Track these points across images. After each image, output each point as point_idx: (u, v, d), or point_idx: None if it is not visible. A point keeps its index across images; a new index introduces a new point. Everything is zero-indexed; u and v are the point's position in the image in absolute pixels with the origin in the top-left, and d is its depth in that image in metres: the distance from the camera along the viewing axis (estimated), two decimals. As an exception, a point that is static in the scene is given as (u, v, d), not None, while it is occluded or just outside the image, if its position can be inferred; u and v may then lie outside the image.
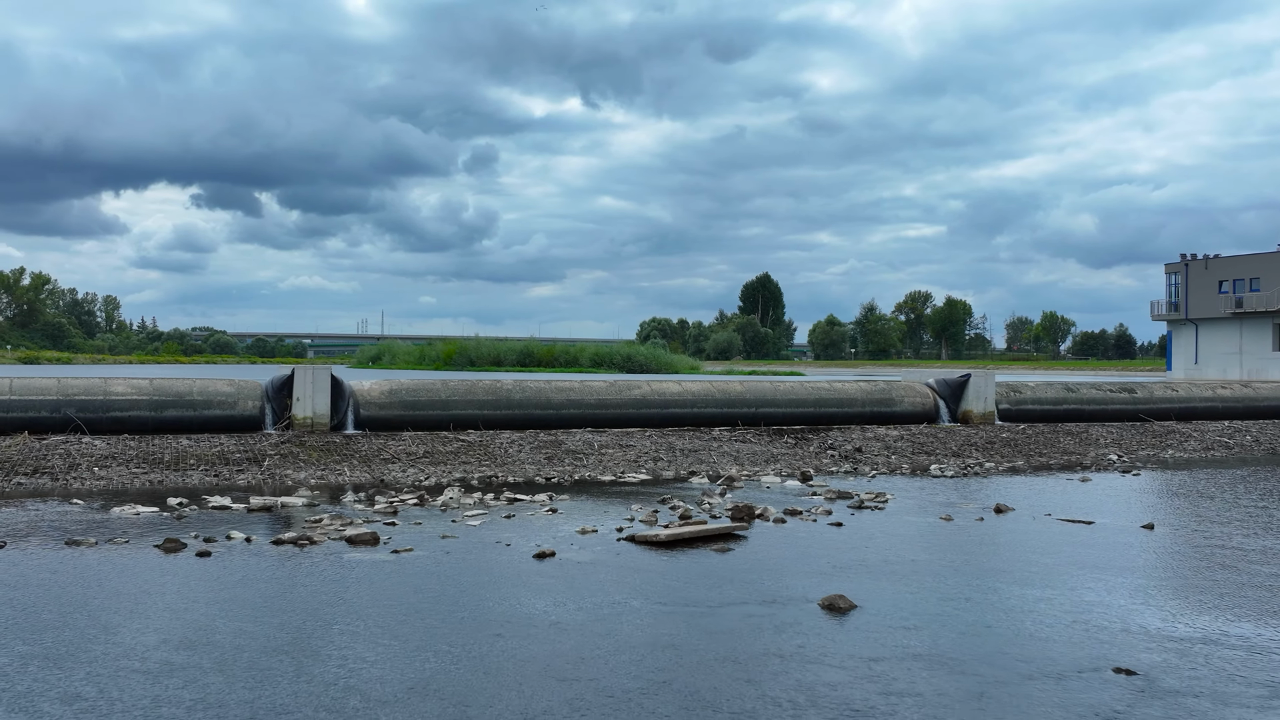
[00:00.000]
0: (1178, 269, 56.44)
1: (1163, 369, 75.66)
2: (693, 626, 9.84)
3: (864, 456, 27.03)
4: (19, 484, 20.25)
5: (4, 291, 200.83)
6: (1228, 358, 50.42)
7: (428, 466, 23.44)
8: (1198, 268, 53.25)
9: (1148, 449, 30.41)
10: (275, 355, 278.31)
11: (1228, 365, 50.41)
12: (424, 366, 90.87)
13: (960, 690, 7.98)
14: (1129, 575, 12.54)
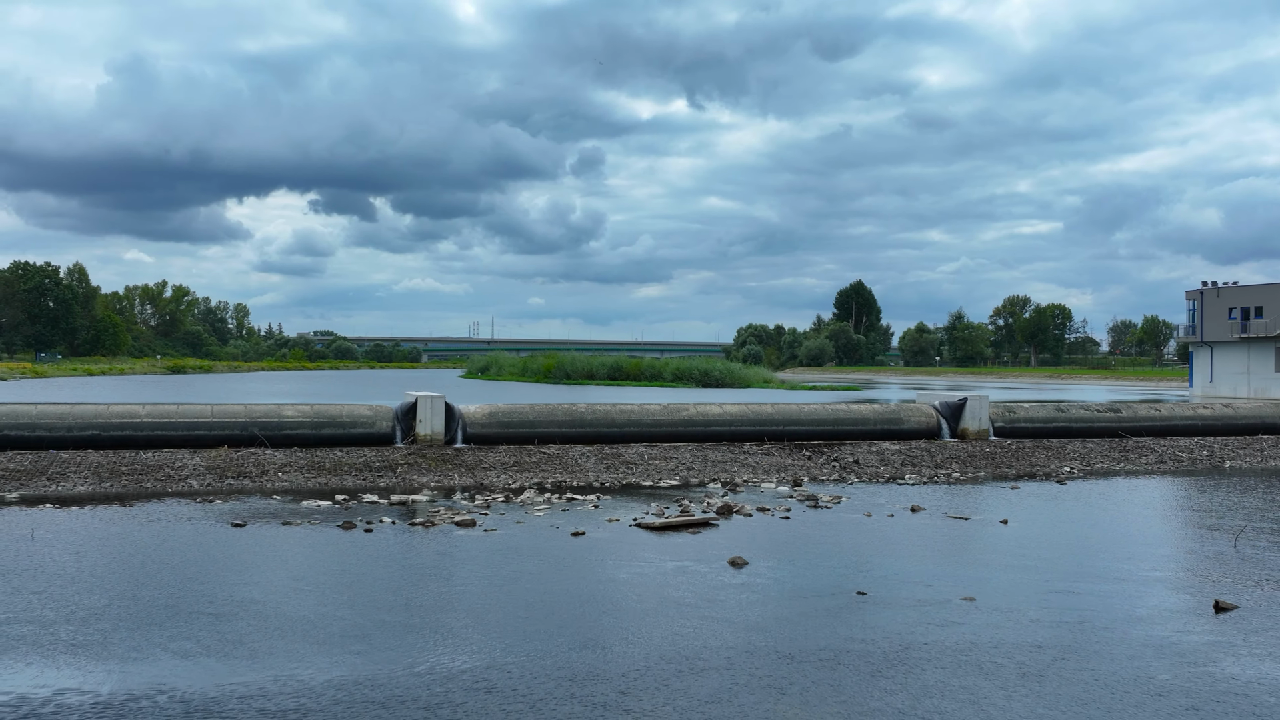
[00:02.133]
0: (1195, 296, 61.63)
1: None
2: (644, 573, 17.41)
3: (859, 467, 34.08)
4: (229, 484, 28.87)
5: (149, 303, 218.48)
6: (1237, 377, 55.18)
7: (515, 473, 31.41)
8: (1211, 295, 58.31)
9: (1108, 462, 36.67)
10: (392, 360, 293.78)
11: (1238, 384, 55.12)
12: (525, 378, 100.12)
13: (777, 595, 15.40)
14: (929, 550, 19.64)
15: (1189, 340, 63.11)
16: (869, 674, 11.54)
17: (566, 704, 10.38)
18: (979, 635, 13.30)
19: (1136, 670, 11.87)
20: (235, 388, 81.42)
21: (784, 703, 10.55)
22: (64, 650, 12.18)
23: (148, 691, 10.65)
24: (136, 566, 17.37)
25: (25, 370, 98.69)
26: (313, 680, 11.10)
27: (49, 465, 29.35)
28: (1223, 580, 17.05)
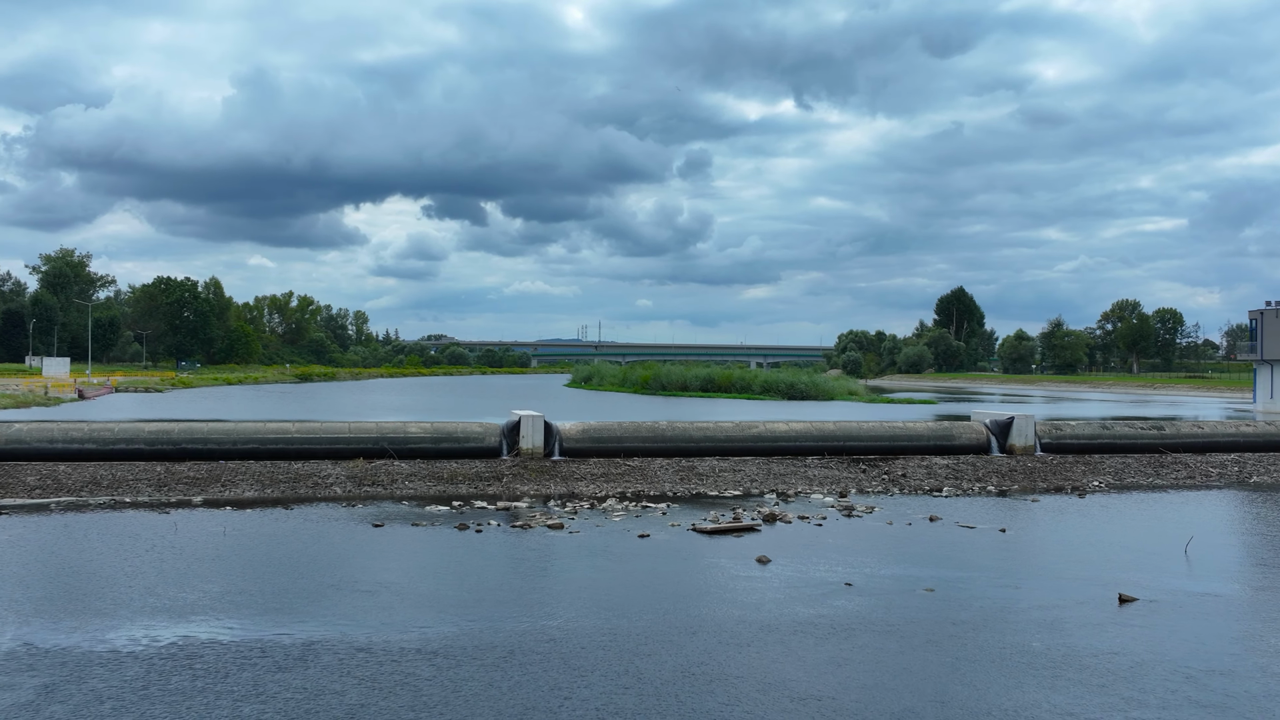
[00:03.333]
0: (1257, 315, 63.51)
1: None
2: (686, 567, 22.49)
3: (905, 480, 38.48)
4: (366, 491, 34.90)
5: (277, 312, 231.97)
6: None
7: (602, 483, 36.75)
8: (1270, 315, 60.30)
9: (1139, 478, 40.22)
10: (502, 365, 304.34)
11: None
12: (625, 389, 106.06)
13: (790, 581, 20.32)
14: (918, 552, 24.20)
15: (1251, 358, 65.01)
16: (818, 638, 16.42)
17: (595, 652, 15.55)
18: (919, 615, 18.03)
19: (1019, 640, 16.48)
20: (361, 400, 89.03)
21: (749, 654, 15.54)
22: (265, 613, 17.89)
23: (328, 639, 16.20)
24: (305, 556, 23.25)
25: (175, 381, 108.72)
26: (432, 633, 16.52)
27: (221, 474, 35.89)
28: (1143, 579, 21.29)
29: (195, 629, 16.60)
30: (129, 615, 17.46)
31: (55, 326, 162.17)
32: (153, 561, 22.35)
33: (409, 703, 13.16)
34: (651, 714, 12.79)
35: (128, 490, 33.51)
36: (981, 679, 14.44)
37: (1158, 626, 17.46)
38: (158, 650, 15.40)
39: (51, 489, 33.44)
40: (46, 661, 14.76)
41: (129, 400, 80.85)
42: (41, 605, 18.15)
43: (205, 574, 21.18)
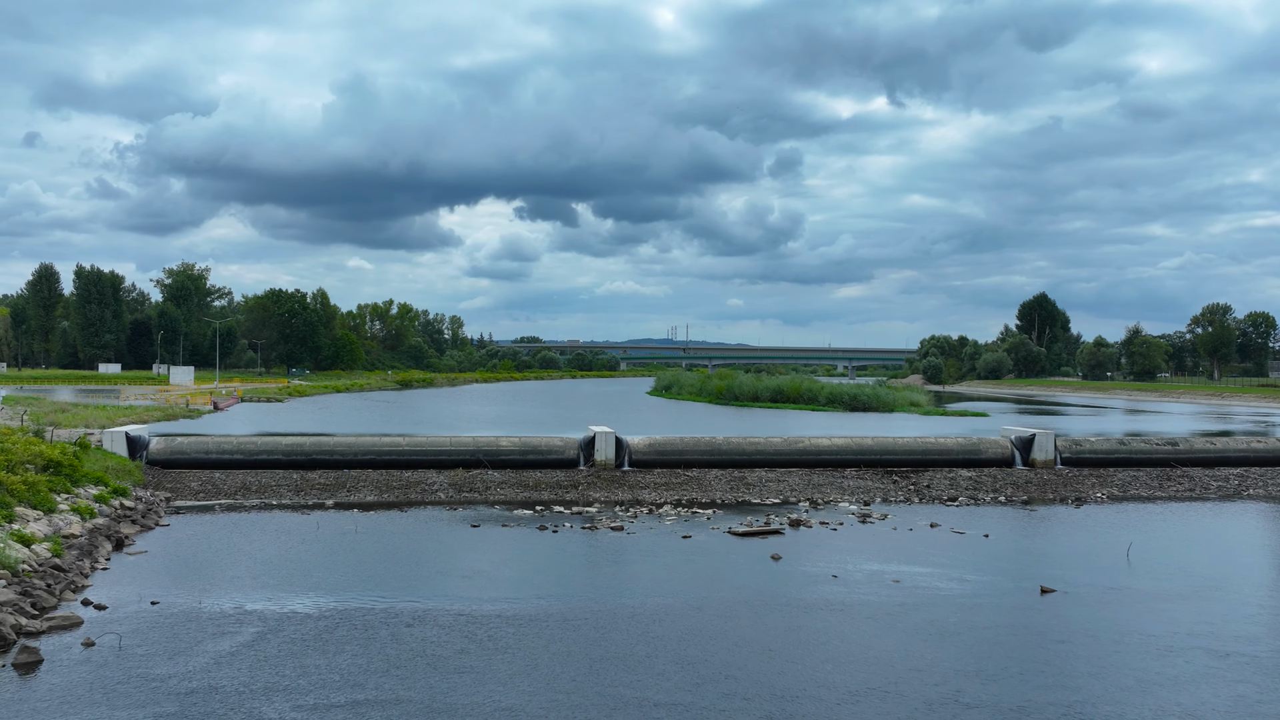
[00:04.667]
0: None
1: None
2: (712, 562, 28.71)
3: (929, 490, 43.95)
4: (465, 496, 41.83)
5: (378, 319, 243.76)
6: None
7: (663, 491, 43.10)
8: None
9: (1144, 489, 45.00)
10: (592, 369, 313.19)
11: None
12: (700, 398, 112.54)
13: (804, 578, 26.44)
14: (903, 553, 29.97)
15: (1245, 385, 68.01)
16: (788, 614, 22.50)
17: (624, 620, 21.88)
18: (873, 599, 23.99)
19: (940, 618, 22.35)
20: (458, 410, 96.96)
21: (732, 624, 21.71)
22: (392, 590, 24.63)
23: (437, 609, 22.84)
24: (417, 549, 30.14)
25: (291, 390, 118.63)
26: (514, 606, 23.05)
27: (346, 481, 43.24)
28: (1074, 575, 26.79)
29: (346, 600, 23.45)
30: (299, 590, 24.44)
31: (179, 336, 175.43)
32: (306, 552, 29.48)
33: (496, 649, 19.72)
34: (658, 658, 19.10)
35: (272, 494, 41.03)
36: (895, 642, 20.41)
37: (1051, 610, 23.14)
38: (323, 613, 22.26)
39: (211, 493, 41.14)
40: (253, 619, 21.72)
41: (255, 410, 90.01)
42: (237, 582, 25.26)
43: (346, 562, 28.17)
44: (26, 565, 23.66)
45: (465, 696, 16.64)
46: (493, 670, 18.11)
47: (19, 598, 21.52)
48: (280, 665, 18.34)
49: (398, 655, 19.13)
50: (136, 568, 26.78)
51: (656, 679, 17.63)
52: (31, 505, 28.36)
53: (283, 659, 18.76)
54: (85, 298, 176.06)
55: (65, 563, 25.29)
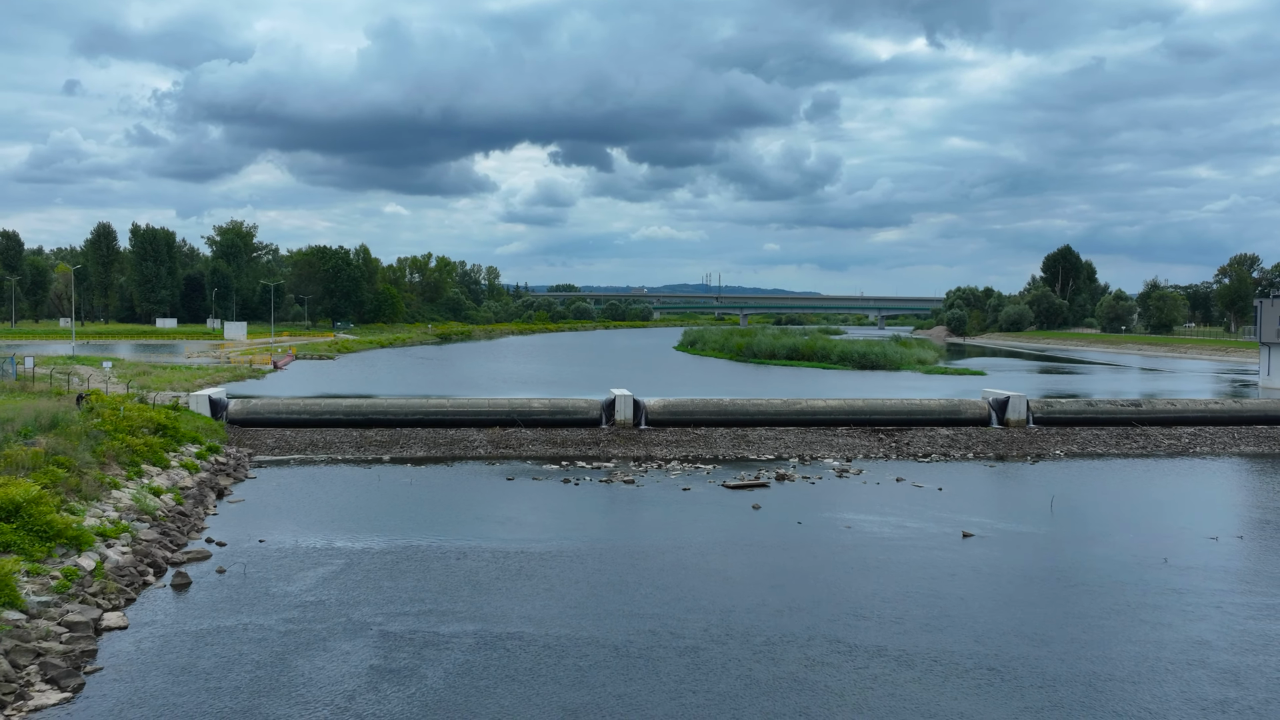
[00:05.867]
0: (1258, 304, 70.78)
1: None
2: (703, 510, 34.98)
3: (908, 448, 49.87)
4: (501, 452, 48.37)
5: (417, 271, 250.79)
6: None
7: (673, 448, 49.37)
8: (1268, 304, 67.60)
9: (1101, 446, 50.66)
10: (625, 319, 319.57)
11: None
12: (722, 354, 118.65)
13: (776, 523, 32.71)
14: (863, 503, 36.08)
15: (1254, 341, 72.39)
16: (749, 552, 28.71)
17: (621, 556, 28.23)
18: (820, 540, 30.15)
19: (869, 556, 28.48)
20: (494, 369, 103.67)
21: (704, 558, 27.98)
22: (442, 532, 31.12)
23: (479, 547, 29.27)
24: (461, 498, 36.68)
25: (339, 346, 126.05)
26: (542, 546, 29.45)
27: (399, 439, 49.91)
28: (995, 522, 32.77)
29: (406, 539, 29.98)
30: (369, 531, 31.01)
31: (231, 292, 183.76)
32: (371, 500, 36.13)
33: (521, 576, 26.14)
34: (641, 585, 25.41)
35: (337, 450, 47.78)
36: (827, 574, 26.57)
37: (960, 550, 29.22)
38: (389, 549, 28.79)
39: (285, 449, 47.96)
40: (337, 553, 28.29)
41: (309, 368, 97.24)
42: (320, 525, 31.88)
43: (404, 509, 34.78)
44: (160, 512, 30.44)
45: (498, 609, 23.06)
46: (518, 591, 24.54)
47: (161, 537, 28.29)
48: (361, 587, 24.87)
49: (448, 580, 25.58)
50: (239, 513, 33.53)
51: (638, 599, 23.97)
52: (152, 463, 35.16)
53: (363, 582, 25.29)
54: (142, 255, 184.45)
55: (186, 510, 32.09)
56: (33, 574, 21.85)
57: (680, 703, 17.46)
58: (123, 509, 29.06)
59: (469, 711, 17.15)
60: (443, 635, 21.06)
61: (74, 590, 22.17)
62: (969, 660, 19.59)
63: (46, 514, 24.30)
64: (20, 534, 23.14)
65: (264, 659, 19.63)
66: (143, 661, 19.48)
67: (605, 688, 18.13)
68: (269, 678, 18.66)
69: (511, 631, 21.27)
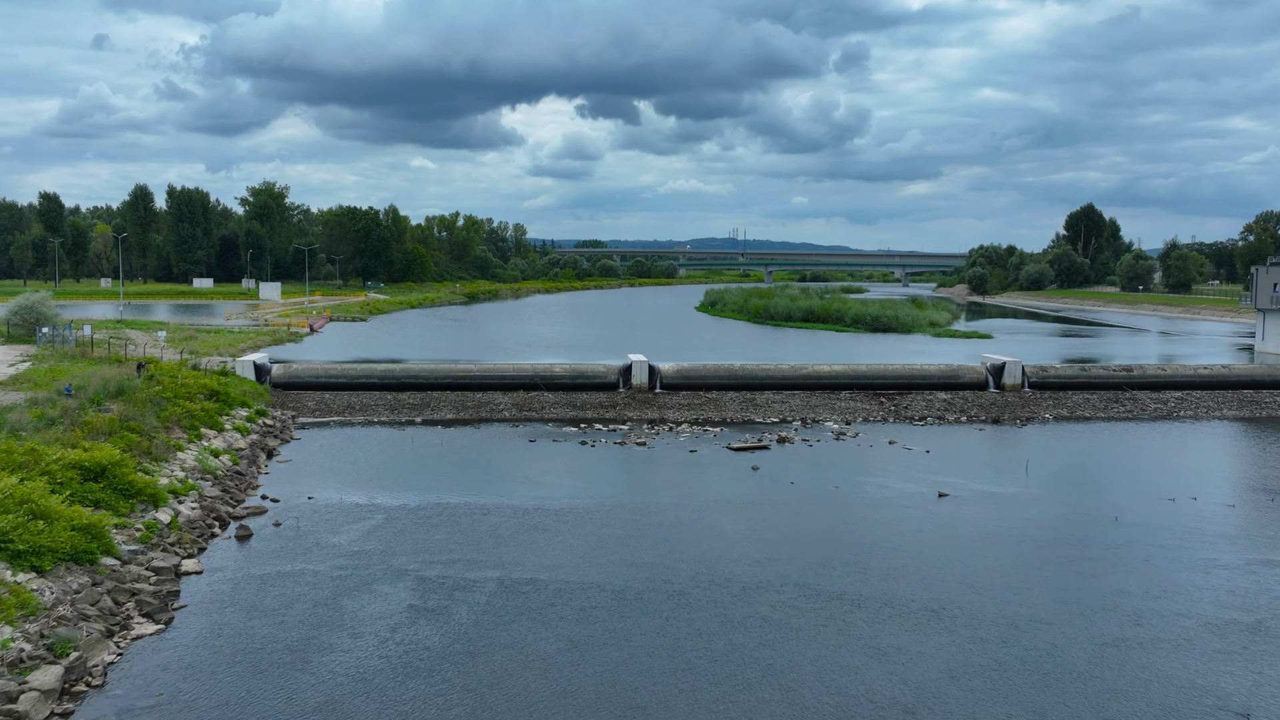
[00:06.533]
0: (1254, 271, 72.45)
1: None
2: (705, 470, 38.46)
3: (905, 411, 53.00)
4: (524, 414, 51.97)
5: (445, 230, 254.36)
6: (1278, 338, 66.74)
7: (685, 411, 52.78)
8: (1262, 271, 69.24)
9: (1090, 410, 53.58)
10: (650, 276, 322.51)
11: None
12: (740, 316, 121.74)
13: (777, 481, 36.18)
14: (853, 465, 39.40)
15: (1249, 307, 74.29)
16: (743, 510, 32.11)
17: (631, 512, 31.77)
18: (814, 499, 33.52)
19: (850, 514, 31.87)
20: (519, 331, 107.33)
21: (703, 515, 31.45)
22: (469, 490, 34.74)
23: (502, 504, 32.89)
24: (487, 459, 40.30)
25: (370, 307, 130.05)
26: (558, 504, 33.00)
27: (430, 401, 53.62)
28: (970, 483, 36.01)
29: (438, 497, 33.65)
30: (405, 489, 34.68)
31: (265, 253, 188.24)
32: (406, 460, 39.84)
33: (538, 530, 29.73)
34: (643, 538, 28.92)
35: (372, 412, 51.57)
36: (807, 530, 29.98)
37: (933, 509, 32.51)
38: (423, 505, 32.44)
39: (325, 411, 51.80)
40: (377, 509, 31.97)
41: (343, 330, 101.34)
42: (361, 483, 35.58)
43: (436, 468, 38.45)
44: (220, 471, 34.27)
45: (516, 559, 26.67)
46: (535, 543, 28.14)
47: (222, 494, 32.12)
48: (399, 539, 28.55)
49: (473, 534, 29.21)
50: (288, 472, 37.35)
51: (638, 550, 27.50)
52: (209, 426, 39.01)
53: (400, 535, 28.98)
54: (178, 216, 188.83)
55: (242, 469, 35.93)
56: (120, 527, 25.64)
57: (664, 636, 21.00)
58: (188, 469, 32.91)
59: (490, 643, 20.76)
60: (469, 580, 24.70)
61: (155, 540, 25.99)
62: (914, 604, 23.00)
63: (128, 475, 28.09)
64: (107, 492, 26.94)
65: (319, 599, 23.34)
66: (218, 600, 23.25)
67: (603, 623, 21.71)
68: (324, 614, 22.36)
69: (527, 577, 24.88)
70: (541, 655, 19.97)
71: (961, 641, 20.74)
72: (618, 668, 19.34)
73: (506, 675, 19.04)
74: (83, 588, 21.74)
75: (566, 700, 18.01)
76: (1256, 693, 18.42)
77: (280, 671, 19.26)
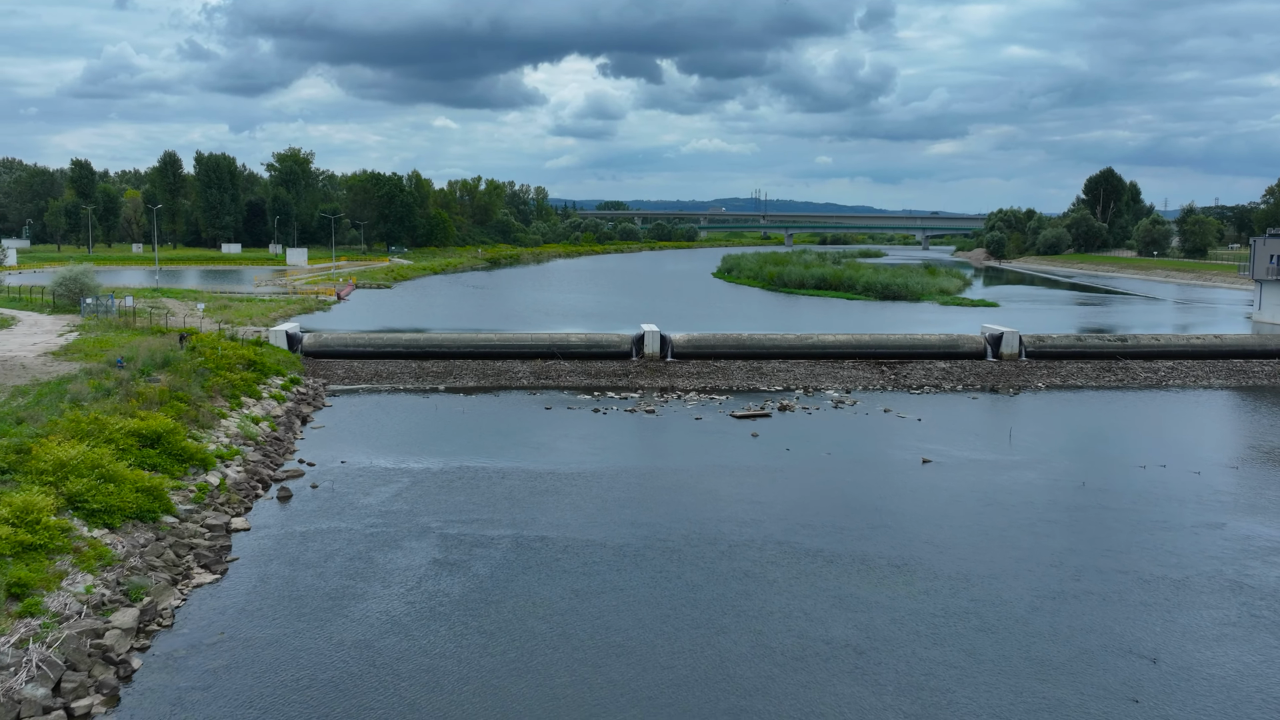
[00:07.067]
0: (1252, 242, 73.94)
1: None
2: (707, 436, 41.25)
3: (904, 380, 55.53)
4: (541, 382, 54.89)
5: (467, 194, 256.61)
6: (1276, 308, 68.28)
7: (694, 379, 55.51)
8: (1260, 242, 70.80)
9: (1082, 379, 55.94)
10: (671, 239, 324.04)
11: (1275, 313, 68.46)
12: (754, 283, 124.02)
13: (760, 449, 38.99)
14: (846, 431, 42.09)
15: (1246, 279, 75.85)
16: (736, 475, 34.91)
17: (636, 475, 34.66)
18: (805, 465, 36.25)
19: (838, 478, 34.61)
20: (539, 299, 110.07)
21: (697, 479, 34.28)
22: (488, 455, 37.68)
23: (518, 468, 35.83)
24: (505, 425, 43.24)
25: (394, 273, 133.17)
26: (568, 468, 35.87)
27: (452, 370, 56.62)
28: (954, 450, 38.63)
29: (459, 461, 36.61)
30: (429, 454, 37.66)
31: (291, 219, 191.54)
32: (430, 426, 42.84)
33: (550, 493, 32.65)
34: (645, 501, 31.78)
35: (398, 380, 54.62)
36: (794, 493, 32.74)
37: (915, 474, 35.20)
38: (446, 469, 35.40)
39: (353, 379, 54.89)
40: (404, 473, 34.96)
41: (369, 297, 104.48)
42: (389, 448, 38.61)
43: (458, 435, 41.42)
44: (260, 437, 37.39)
45: (529, 518, 29.61)
46: (546, 505, 31.08)
47: (264, 458, 35.23)
48: (425, 500, 31.55)
49: (492, 496, 32.17)
50: (322, 437, 40.44)
51: (638, 511, 30.38)
52: (248, 395, 42.12)
53: (426, 496, 31.99)
54: (206, 182, 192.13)
55: (280, 435, 39.04)
56: (176, 488, 28.76)
57: (655, 587, 23.91)
58: (231, 435, 36.05)
59: (503, 592, 23.73)
60: (486, 537, 27.68)
61: (207, 501, 29.11)
62: (881, 560, 25.79)
63: (180, 441, 31.20)
64: (163, 457, 30.06)
65: (354, 553, 26.38)
66: (265, 554, 26.34)
67: (602, 576, 24.65)
68: (358, 566, 25.39)
69: (538, 535, 27.84)
70: (547, 602, 22.93)
71: (916, 593, 23.53)
72: (611, 614, 22.27)
73: (515, 620, 22.02)
74: (148, 542, 24.87)
75: (565, 641, 20.97)
76: (1166, 640, 21.14)
77: (321, 615, 22.30)
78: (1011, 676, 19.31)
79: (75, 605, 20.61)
